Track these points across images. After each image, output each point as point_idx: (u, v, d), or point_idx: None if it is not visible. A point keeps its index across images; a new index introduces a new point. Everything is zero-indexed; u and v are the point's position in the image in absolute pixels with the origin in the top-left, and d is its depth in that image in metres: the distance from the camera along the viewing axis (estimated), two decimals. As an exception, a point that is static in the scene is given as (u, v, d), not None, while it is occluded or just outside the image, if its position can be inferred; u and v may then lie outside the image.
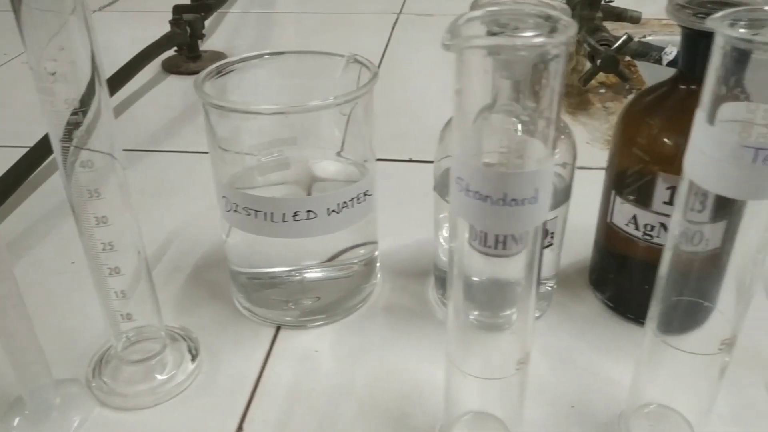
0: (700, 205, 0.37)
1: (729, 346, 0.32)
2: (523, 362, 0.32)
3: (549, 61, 0.25)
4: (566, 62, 0.36)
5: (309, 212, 0.40)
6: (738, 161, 0.27)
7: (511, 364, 0.32)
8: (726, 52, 0.26)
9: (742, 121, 0.26)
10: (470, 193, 0.27)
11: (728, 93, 0.26)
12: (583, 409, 0.39)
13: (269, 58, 0.44)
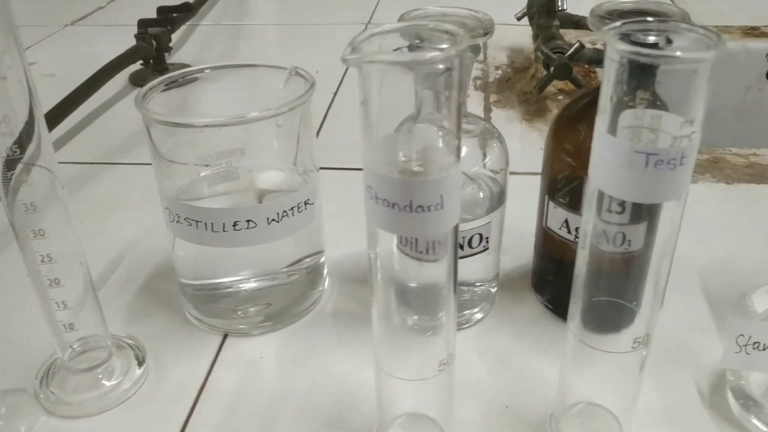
0: (619, 207, 0.38)
1: (642, 344, 0.33)
2: (446, 363, 0.33)
3: (442, 74, 0.26)
4: (466, 73, 0.37)
5: (249, 222, 0.41)
6: (632, 166, 0.28)
7: (433, 365, 0.33)
8: (617, 63, 0.27)
9: (632, 128, 0.27)
10: (379, 200, 0.28)
11: (620, 101, 0.28)
12: (517, 409, 0.40)
13: (210, 72, 0.45)
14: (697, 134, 0.27)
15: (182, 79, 0.45)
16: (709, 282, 0.49)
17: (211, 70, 0.45)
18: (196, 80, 0.49)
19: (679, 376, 0.41)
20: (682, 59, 0.26)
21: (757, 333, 0.37)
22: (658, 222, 0.38)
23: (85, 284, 0.39)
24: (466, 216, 0.41)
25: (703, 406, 0.39)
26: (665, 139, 0.27)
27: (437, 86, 0.27)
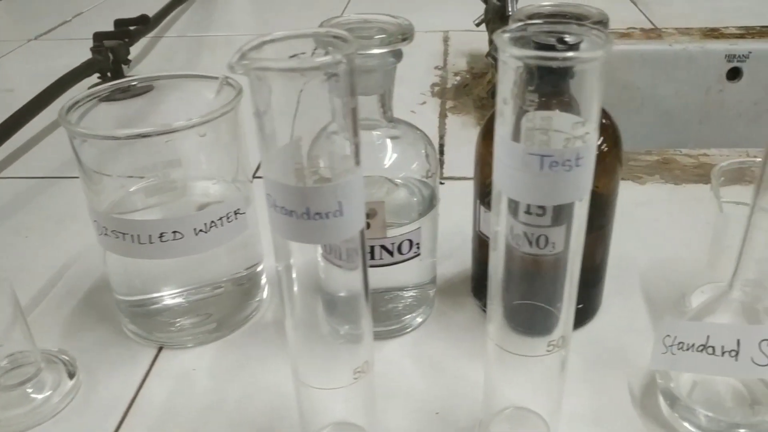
0: (540, 210, 0.38)
1: (557, 347, 0.33)
2: (362, 371, 0.33)
3: (328, 80, 0.26)
4: (389, 79, 0.37)
5: (175, 233, 0.41)
6: (528, 168, 0.28)
7: (348, 373, 0.33)
8: (508, 66, 0.27)
9: (525, 130, 0.27)
10: (278, 208, 0.28)
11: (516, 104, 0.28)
12: (447, 415, 0.39)
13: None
14: (591, 135, 0.27)
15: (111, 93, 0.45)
16: (650, 283, 0.49)
17: (138, 82, 0.45)
18: (151, 90, 0.49)
19: (612, 378, 0.41)
20: (569, 59, 0.26)
21: (682, 333, 0.36)
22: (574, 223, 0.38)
23: (10, 301, 0.39)
24: (394, 222, 0.41)
25: (634, 408, 0.39)
26: (560, 140, 0.27)
27: (338, 92, 0.27)
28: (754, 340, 0.34)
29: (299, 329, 0.33)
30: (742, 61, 0.92)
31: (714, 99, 0.94)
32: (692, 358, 0.36)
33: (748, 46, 0.91)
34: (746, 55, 0.91)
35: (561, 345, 0.33)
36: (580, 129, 0.27)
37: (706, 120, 0.95)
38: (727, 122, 0.95)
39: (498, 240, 0.33)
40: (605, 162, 0.41)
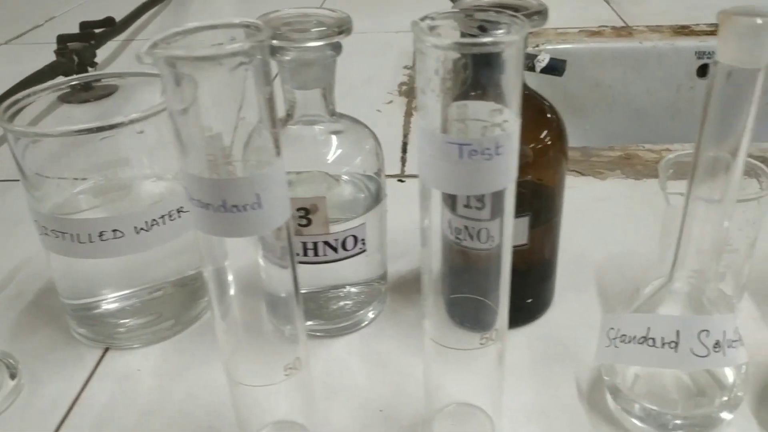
0: (478, 203, 0.37)
1: (491, 340, 0.33)
2: (293, 367, 0.32)
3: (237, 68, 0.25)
4: (328, 72, 0.36)
5: (115, 231, 0.40)
6: (448, 158, 0.27)
7: (278, 370, 0.32)
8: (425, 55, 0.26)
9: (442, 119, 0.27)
10: (194, 201, 0.28)
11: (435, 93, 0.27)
12: (391, 412, 0.39)
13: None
14: (511, 123, 0.27)
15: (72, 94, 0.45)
16: (605, 278, 0.49)
17: (80, 81, 0.44)
18: (116, 90, 0.49)
19: (560, 373, 0.41)
20: (482, 45, 0.25)
21: (624, 326, 0.36)
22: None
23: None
24: (337, 218, 0.40)
25: (581, 403, 0.39)
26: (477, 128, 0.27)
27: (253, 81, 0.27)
28: (693, 331, 0.34)
29: (228, 326, 0.32)
30: (711, 58, 0.91)
31: (685, 96, 0.94)
32: (633, 351, 0.35)
33: (718, 42, 0.91)
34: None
35: (495, 338, 0.33)
36: (498, 117, 0.27)
37: (678, 117, 0.95)
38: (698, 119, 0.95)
39: (427, 235, 0.32)
40: (549, 155, 0.40)
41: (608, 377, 0.38)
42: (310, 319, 0.44)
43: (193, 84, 0.26)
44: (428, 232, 0.32)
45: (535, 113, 0.40)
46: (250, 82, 0.26)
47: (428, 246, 0.32)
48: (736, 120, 0.31)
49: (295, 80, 0.39)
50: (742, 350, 0.35)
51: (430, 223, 0.31)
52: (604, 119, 0.95)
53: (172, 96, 0.26)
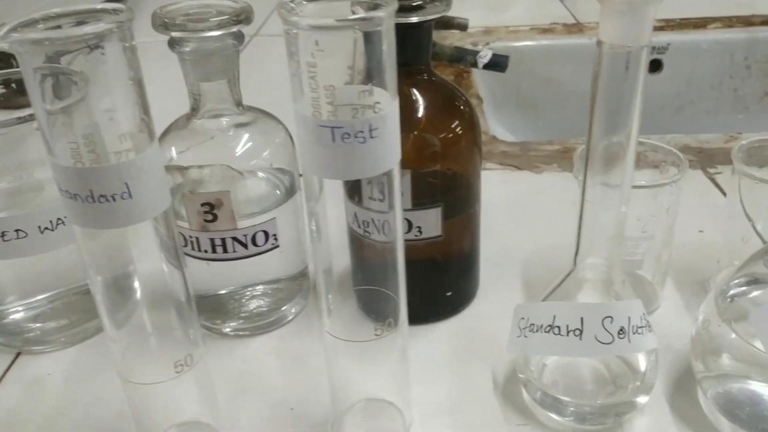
0: (381, 195, 0.37)
1: (386, 331, 0.32)
2: (184, 364, 0.32)
3: (91, 53, 0.24)
4: (230, 62, 0.35)
5: (18, 231, 0.39)
6: (322, 142, 0.26)
7: (169, 367, 0.31)
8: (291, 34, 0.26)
9: (311, 100, 0.26)
10: (63, 192, 0.27)
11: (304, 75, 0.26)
12: (302, 410, 0.38)
13: None
14: (385, 105, 0.26)
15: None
16: (531, 270, 0.48)
17: None
18: None
19: (477, 367, 0.40)
20: (338, 26, 0.25)
21: (533, 315, 0.35)
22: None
23: None
24: (245, 213, 0.39)
25: (495, 396, 0.38)
26: (347, 111, 0.26)
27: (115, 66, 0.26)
28: (597, 318, 0.33)
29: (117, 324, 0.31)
30: (661, 53, 0.92)
31: (636, 91, 0.94)
32: (541, 340, 0.35)
33: (667, 38, 0.91)
34: (665, 47, 0.91)
35: (390, 329, 0.32)
36: (368, 98, 0.26)
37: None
38: (651, 114, 0.94)
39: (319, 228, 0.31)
40: (460, 145, 0.40)
41: (520, 368, 0.37)
42: (230, 320, 0.43)
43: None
44: (320, 225, 0.31)
45: (445, 103, 0.40)
46: (110, 67, 0.25)
47: (314, 242, 0.31)
48: (624, 101, 0.30)
49: (197, 72, 0.38)
50: (650, 336, 0.34)
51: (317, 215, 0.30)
52: (557, 115, 0.95)
53: (29, 81, 0.25)
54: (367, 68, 0.26)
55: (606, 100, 0.30)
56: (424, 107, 0.39)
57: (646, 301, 0.43)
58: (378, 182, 0.30)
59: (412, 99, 0.39)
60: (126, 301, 0.31)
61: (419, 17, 0.37)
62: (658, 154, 0.42)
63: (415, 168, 0.38)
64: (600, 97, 0.30)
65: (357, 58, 0.26)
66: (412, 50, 0.38)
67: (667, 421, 0.36)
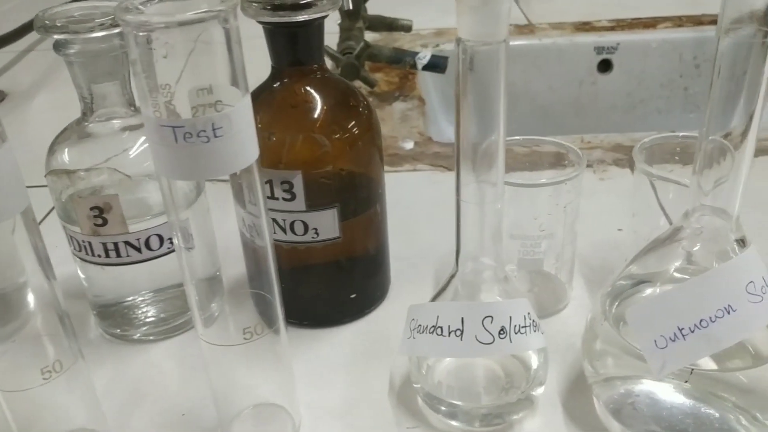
0: (287, 194, 0.36)
1: (255, 334, 0.31)
2: (52, 370, 0.31)
3: None
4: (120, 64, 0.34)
5: None
6: (165, 142, 0.26)
7: (36, 373, 0.31)
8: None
9: (154, 102, 0.26)
10: None
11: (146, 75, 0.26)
12: (193, 417, 0.37)
13: None
14: (230, 103, 0.26)
15: None
16: (444, 272, 0.47)
17: None
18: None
19: (376, 369, 0.40)
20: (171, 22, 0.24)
21: (420, 315, 0.35)
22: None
23: None
24: (135, 216, 0.39)
25: (390, 399, 0.38)
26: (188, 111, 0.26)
27: None
28: (477, 318, 0.33)
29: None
30: (611, 53, 0.92)
31: (588, 91, 0.94)
32: (426, 341, 0.34)
33: (617, 38, 0.91)
34: (614, 47, 0.91)
35: (259, 332, 0.31)
36: (208, 97, 0.25)
37: (582, 113, 0.95)
38: (603, 114, 0.95)
39: (184, 233, 0.30)
40: (358, 145, 0.39)
41: (412, 370, 0.37)
42: (137, 326, 0.43)
43: None
44: (190, 234, 0.30)
45: (339, 103, 0.39)
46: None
47: (190, 250, 0.31)
48: (489, 98, 0.30)
49: (85, 75, 0.38)
50: (535, 336, 0.34)
51: (183, 224, 0.30)
52: (509, 116, 0.95)
53: None
54: (211, 66, 0.26)
55: (471, 98, 0.30)
56: (316, 107, 0.38)
57: (554, 300, 0.43)
58: (247, 184, 0.30)
59: (304, 99, 0.38)
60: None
61: (308, 15, 0.36)
62: (560, 153, 0.42)
63: (307, 169, 0.37)
64: (464, 95, 0.30)
65: (199, 57, 0.26)
66: (303, 49, 0.38)
67: (559, 423, 0.36)
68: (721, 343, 0.30)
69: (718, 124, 0.29)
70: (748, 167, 0.30)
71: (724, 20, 0.28)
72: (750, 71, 0.28)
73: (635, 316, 0.31)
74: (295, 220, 0.39)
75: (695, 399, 0.31)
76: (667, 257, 0.33)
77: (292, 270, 0.42)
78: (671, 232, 0.33)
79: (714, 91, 0.29)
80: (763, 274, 0.30)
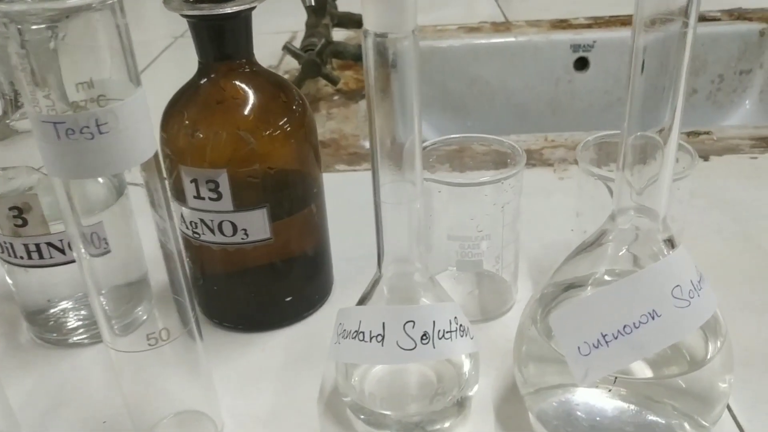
0: (213, 193, 0.35)
1: (161, 340, 0.30)
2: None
3: None
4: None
5: None
6: (48, 139, 0.25)
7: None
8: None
9: (32, 96, 0.24)
10: None
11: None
12: (115, 424, 0.36)
13: None
14: (117, 97, 0.25)
15: None
16: (392, 273, 0.46)
17: None
18: None
19: (309, 375, 0.38)
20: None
21: (346, 320, 0.34)
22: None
23: None
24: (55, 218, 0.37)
25: (317, 406, 0.36)
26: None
27: None
28: (398, 323, 0.31)
29: None
30: (587, 51, 0.90)
31: (564, 90, 0.92)
32: (349, 347, 0.33)
33: (593, 35, 0.90)
34: (591, 44, 0.90)
35: (164, 338, 0.30)
36: (90, 91, 0.24)
37: (560, 111, 0.94)
38: (580, 112, 0.93)
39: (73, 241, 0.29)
40: (289, 143, 0.38)
41: (339, 380, 0.35)
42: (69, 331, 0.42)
43: None
44: (72, 239, 0.29)
45: (268, 99, 0.38)
46: None
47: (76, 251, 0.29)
48: (402, 94, 0.28)
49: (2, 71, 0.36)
50: (462, 342, 0.33)
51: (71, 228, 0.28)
52: (485, 115, 0.94)
53: None
54: (93, 59, 0.25)
55: (382, 94, 0.28)
56: (243, 103, 0.37)
57: (499, 302, 0.42)
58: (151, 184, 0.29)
59: (230, 94, 0.37)
60: None
61: (235, 7, 0.35)
62: (504, 152, 0.41)
63: (233, 167, 0.36)
64: (374, 91, 0.28)
65: (79, 50, 0.24)
66: (231, 42, 0.37)
67: (490, 430, 0.34)
68: (645, 349, 0.28)
69: (640, 121, 0.28)
70: (672, 164, 0.28)
71: (644, 14, 0.26)
72: (673, 65, 0.27)
73: (559, 322, 0.30)
74: (223, 220, 0.37)
75: (634, 405, 0.30)
76: (595, 261, 0.31)
77: (223, 272, 0.40)
78: (598, 235, 0.31)
79: (635, 87, 0.27)
80: (692, 277, 0.29)
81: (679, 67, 0.27)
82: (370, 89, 0.29)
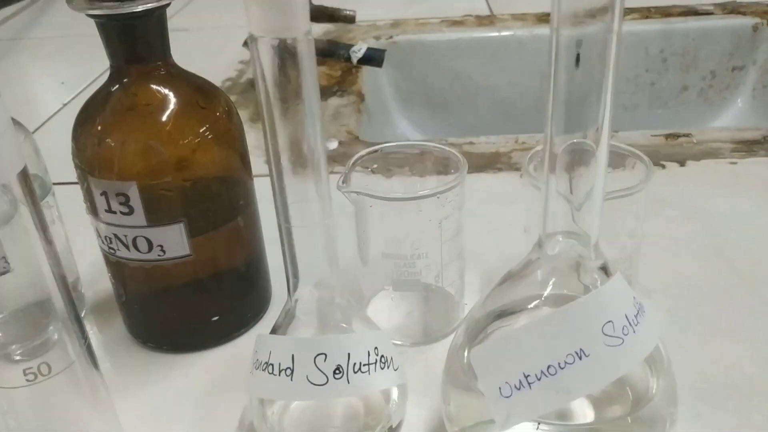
0: (125, 207, 0.32)
1: (40, 375, 0.27)
2: None
3: None
4: None
5: None
6: None
7: None
8: None
9: None
10: None
11: None
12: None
13: None
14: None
15: None
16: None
17: None
18: None
19: (232, 402, 0.35)
20: None
21: (260, 349, 0.31)
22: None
23: None
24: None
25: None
26: None
27: None
28: (308, 356, 0.29)
29: None
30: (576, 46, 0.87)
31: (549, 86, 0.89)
32: (260, 379, 0.30)
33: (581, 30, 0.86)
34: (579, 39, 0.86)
35: (45, 373, 0.27)
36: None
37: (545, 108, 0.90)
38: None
39: None
40: (211, 151, 0.35)
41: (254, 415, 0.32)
42: None
43: None
44: None
45: (186, 104, 0.35)
46: None
47: None
48: (299, 101, 0.25)
49: None
50: (383, 374, 0.30)
51: None
52: (468, 113, 0.90)
53: None
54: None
55: (273, 104, 0.25)
56: (157, 110, 0.34)
57: (445, 322, 0.39)
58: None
59: (143, 101, 0.34)
60: None
61: (146, 4, 0.32)
62: (445, 161, 0.38)
63: (143, 179, 0.33)
64: (266, 100, 0.25)
65: None
66: (143, 44, 0.34)
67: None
68: (570, 393, 0.25)
69: (565, 124, 0.25)
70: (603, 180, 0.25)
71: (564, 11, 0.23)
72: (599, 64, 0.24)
73: (479, 359, 0.27)
74: (137, 236, 0.35)
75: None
76: (521, 294, 0.28)
77: (144, 290, 0.38)
78: (524, 264, 0.28)
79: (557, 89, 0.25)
80: (628, 311, 0.26)
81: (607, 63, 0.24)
82: (267, 101, 0.26)
